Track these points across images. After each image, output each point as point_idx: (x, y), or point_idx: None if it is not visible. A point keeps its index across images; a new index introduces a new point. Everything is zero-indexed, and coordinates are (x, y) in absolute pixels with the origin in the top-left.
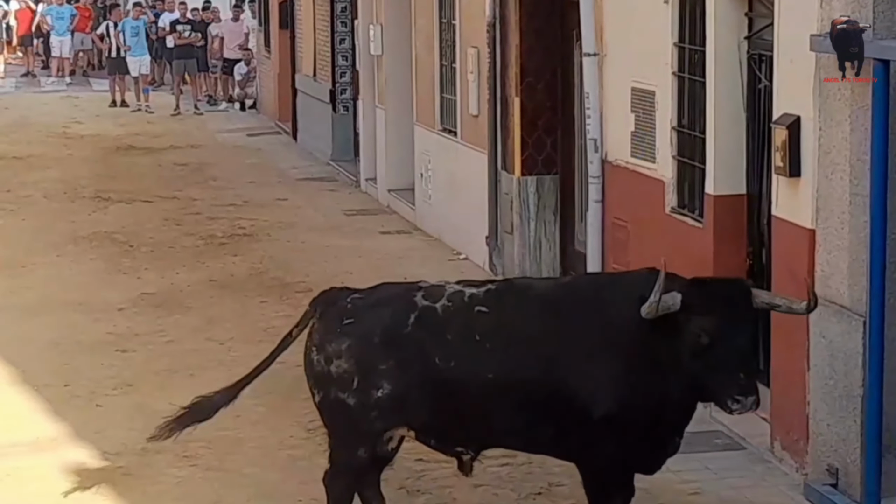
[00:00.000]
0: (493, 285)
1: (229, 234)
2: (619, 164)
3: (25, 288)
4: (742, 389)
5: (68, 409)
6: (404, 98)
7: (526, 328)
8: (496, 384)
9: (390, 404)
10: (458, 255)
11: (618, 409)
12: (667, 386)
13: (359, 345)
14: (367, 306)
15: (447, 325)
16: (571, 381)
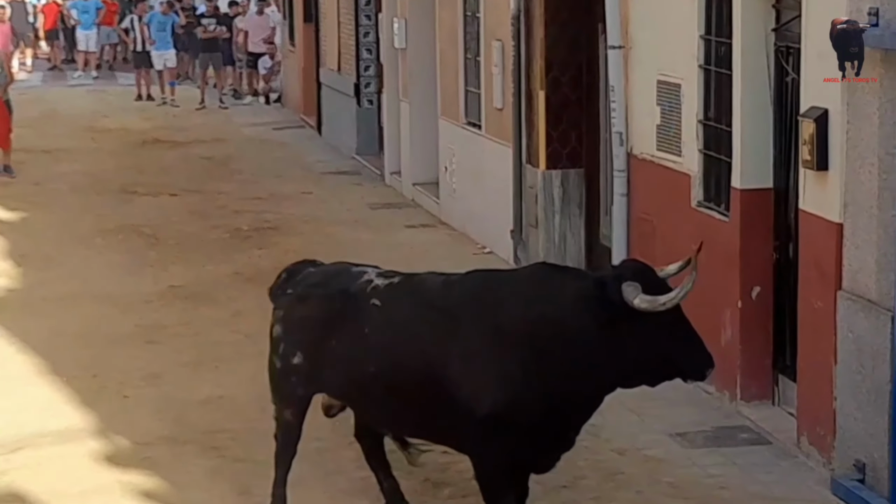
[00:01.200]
0: (397, 279)
1: (255, 227)
2: (644, 157)
3: (53, 280)
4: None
5: (96, 400)
6: (428, 92)
7: (408, 325)
8: (380, 378)
9: (306, 373)
10: (482, 249)
11: (504, 409)
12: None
13: (287, 314)
14: (307, 282)
15: (345, 312)
16: (454, 379)
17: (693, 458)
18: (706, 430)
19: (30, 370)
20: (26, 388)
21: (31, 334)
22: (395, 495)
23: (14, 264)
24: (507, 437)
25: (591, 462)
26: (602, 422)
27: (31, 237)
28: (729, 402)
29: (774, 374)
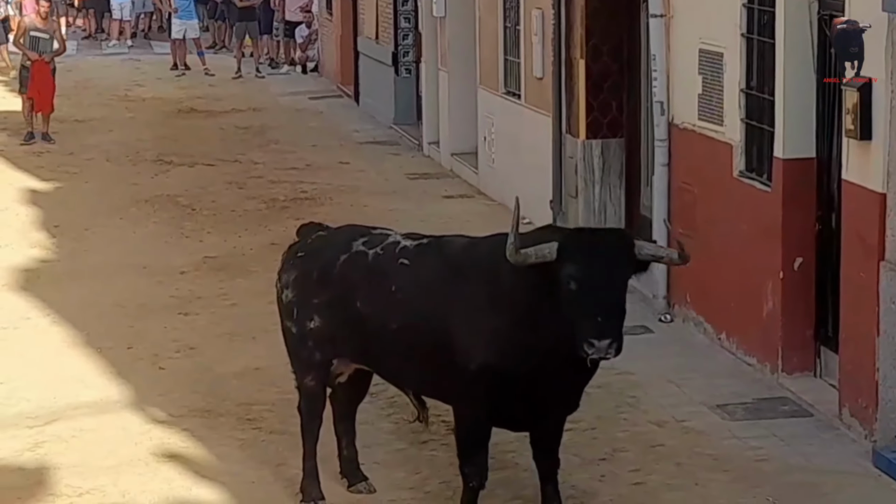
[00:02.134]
0: (426, 240)
1: (291, 197)
2: (686, 127)
3: (88, 251)
4: (597, 331)
5: (131, 371)
6: (467, 60)
7: (428, 284)
8: (400, 334)
9: (322, 336)
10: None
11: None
12: (544, 341)
13: (300, 278)
14: (320, 244)
15: (372, 271)
16: (454, 335)
17: (733, 431)
18: (747, 401)
19: (64, 341)
20: (60, 360)
21: (66, 305)
22: (351, 465)
23: (48, 235)
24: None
25: (630, 434)
26: (641, 394)
27: (66, 207)
28: (770, 373)
29: (816, 346)
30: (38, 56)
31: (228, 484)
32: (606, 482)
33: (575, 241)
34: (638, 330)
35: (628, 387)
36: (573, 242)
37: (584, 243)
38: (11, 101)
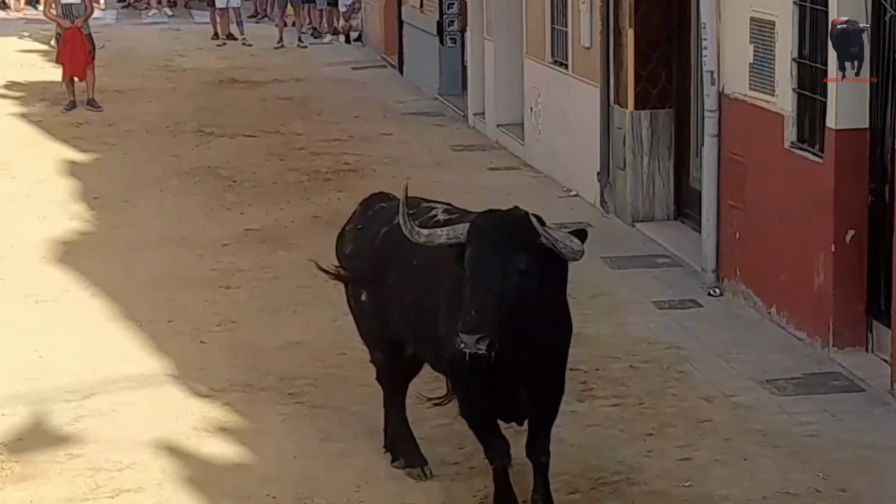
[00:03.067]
0: (457, 215)
1: (334, 169)
2: (736, 97)
3: (128, 223)
4: (464, 324)
5: (172, 345)
6: (514, 30)
7: (435, 261)
8: (410, 310)
9: (373, 311)
10: (568, 192)
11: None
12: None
13: (354, 252)
14: (376, 216)
15: (403, 245)
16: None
17: (783, 406)
18: (797, 376)
19: (104, 315)
20: (100, 333)
21: (105, 278)
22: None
23: (87, 207)
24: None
25: (678, 409)
26: (690, 369)
27: (105, 179)
28: (821, 348)
29: (868, 320)
30: (70, 23)
31: (269, 459)
32: (653, 457)
33: (476, 223)
34: (687, 304)
35: (677, 361)
36: (474, 225)
37: (481, 228)
38: (50, 71)
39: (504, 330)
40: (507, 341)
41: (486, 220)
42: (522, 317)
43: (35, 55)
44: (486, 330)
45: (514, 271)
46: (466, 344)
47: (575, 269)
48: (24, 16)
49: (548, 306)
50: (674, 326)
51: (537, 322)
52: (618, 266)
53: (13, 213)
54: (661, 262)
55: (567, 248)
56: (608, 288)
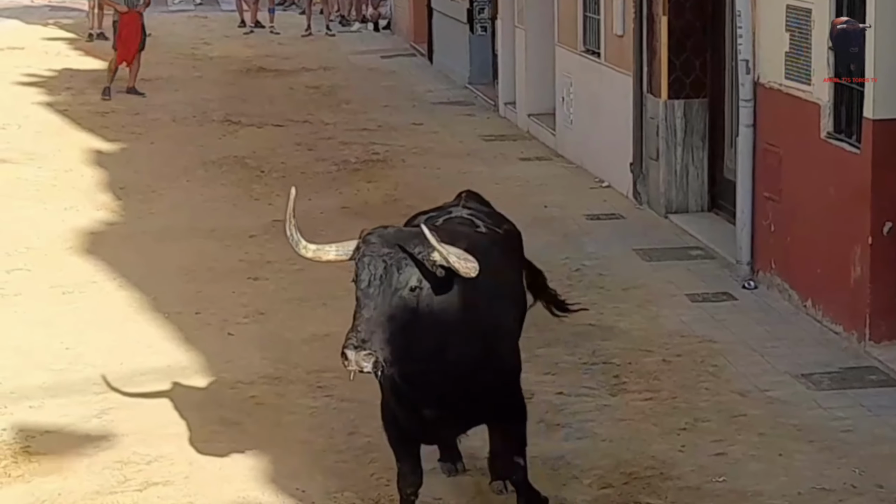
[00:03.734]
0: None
1: (363, 159)
2: (772, 86)
3: (155, 214)
4: (348, 341)
5: (199, 337)
6: (545, 17)
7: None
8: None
9: None
10: (600, 183)
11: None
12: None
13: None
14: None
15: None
16: None
17: (818, 400)
18: (833, 371)
19: (131, 306)
20: (127, 325)
21: (132, 269)
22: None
23: (114, 197)
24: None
25: (712, 403)
26: (724, 362)
27: (132, 169)
28: (857, 342)
29: None
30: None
31: (298, 452)
32: (687, 452)
33: (366, 239)
34: (721, 297)
35: (710, 355)
36: (364, 241)
37: (371, 244)
38: (76, 59)
39: (396, 350)
40: (405, 362)
41: (377, 236)
42: (420, 336)
43: (60, 43)
44: (373, 348)
45: (405, 287)
46: (350, 360)
47: (607, 262)
48: (48, 2)
49: (453, 330)
50: (707, 320)
51: (444, 341)
52: (651, 258)
53: (39, 204)
54: (695, 255)
55: (458, 263)
56: (641, 281)
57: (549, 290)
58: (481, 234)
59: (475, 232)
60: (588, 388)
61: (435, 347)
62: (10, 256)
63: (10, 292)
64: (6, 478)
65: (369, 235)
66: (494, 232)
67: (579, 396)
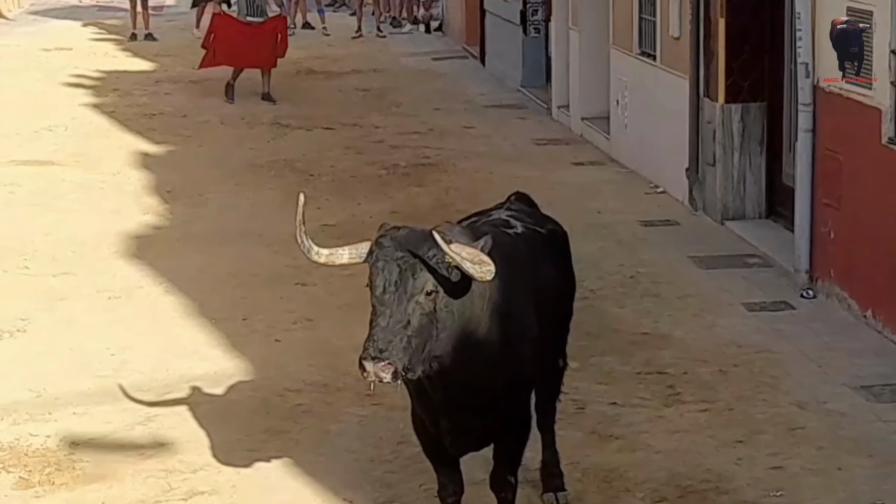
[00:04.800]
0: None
1: (413, 163)
2: (832, 90)
3: (202, 218)
4: (365, 350)
5: (246, 343)
6: (600, 19)
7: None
8: None
9: None
10: (655, 188)
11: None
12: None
13: None
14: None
15: None
16: None
17: (878, 413)
18: (893, 383)
19: (177, 311)
20: (174, 330)
21: (179, 274)
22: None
23: (161, 200)
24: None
25: (769, 415)
26: (782, 373)
27: (179, 172)
28: None
29: None
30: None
31: (346, 461)
32: (743, 465)
33: (379, 242)
34: (779, 306)
35: (768, 365)
36: (377, 244)
37: (381, 247)
38: (123, 60)
39: (415, 356)
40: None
41: (389, 239)
42: (436, 344)
43: (108, 44)
44: (391, 357)
45: (421, 293)
46: (369, 371)
47: (663, 269)
48: (97, 3)
49: (474, 335)
50: (765, 329)
51: (462, 345)
52: (707, 266)
53: (86, 207)
54: (752, 263)
55: (472, 267)
56: (696, 289)
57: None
58: (511, 236)
59: (503, 233)
60: (642, 398)
61: (452, 352)
62: (57, 260)
63: (56, 297)
64: (49, 485)
65: (382, 238)
66: (535, 232)
67: (633, 407)
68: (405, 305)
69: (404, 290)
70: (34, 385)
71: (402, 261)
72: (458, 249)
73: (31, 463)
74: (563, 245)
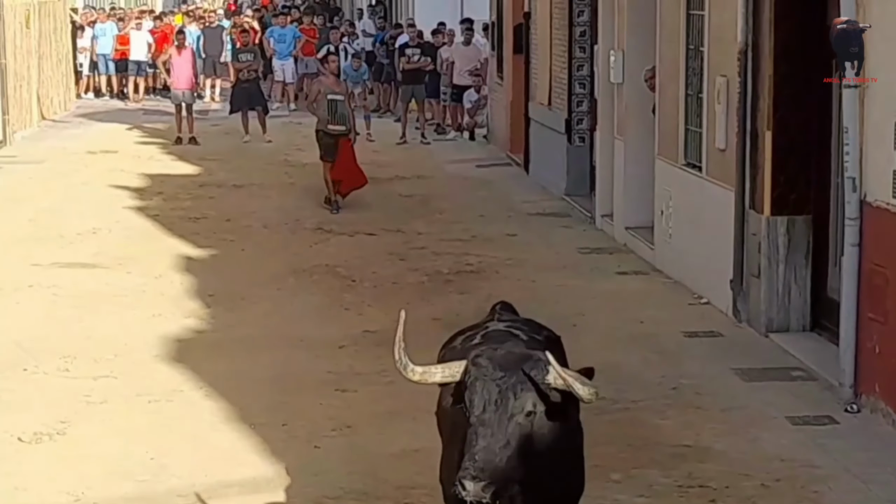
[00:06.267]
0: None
1: (455, 270)
2: (879, 205)
3: (244, 322)
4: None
5: (286, 449)
6: (645, 130)
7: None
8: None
9: None
10: (699, 300)
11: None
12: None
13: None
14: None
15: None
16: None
17: None
18: None
19: (216, 416)
20: (213, 435)
21: (219, 378)
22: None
23: (203, 304)
24: None
25: None
26: (825, 489)
27: (221, 276)
28: None
29: None
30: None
31: None
32: None
33: (476, 361)
34: (823, 420)
35: (811, 481)
36: (474, 363)
37: (482, 366)
38: (168, 164)
39: (508, 477)
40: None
41: (486, 359)
42: (528, 463)
43: (153, 147)
44: (492, 477)
45: (521, 413)
46: (469, 491)
47: (706, 381)
48: (142, 107)
49: (556, 453)
50: (808, 444)
51: (544, 470)
52: (750, 378)
53: (128, 310)
54: (796, 376)
55: (581, 389)
56: (740, 401)
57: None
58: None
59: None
60: None
61: (540, 475)
62: (97, 363)
63: (97, 399)
64: None
65: (478, 358)
66: (535, 340)
67: None
68: (506, 426)
69: (505, 410)
70: (73, 489)
71: (501, 380)
72: (569, 371)
73: None
74: (561, 350)
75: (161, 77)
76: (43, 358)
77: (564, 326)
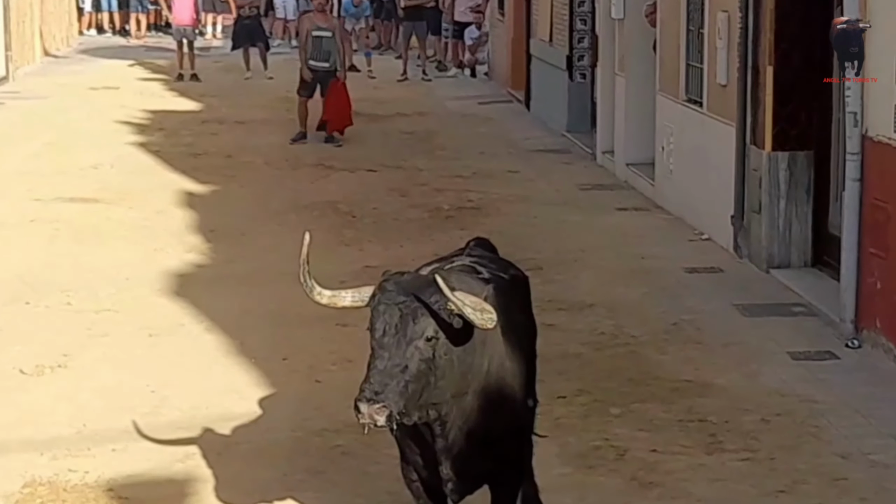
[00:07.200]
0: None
1: (456, 206)
2: (880, 139)
3: (244, 257)
4: (361, 392)
5: (286, 383)
6: (646, 66)
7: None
8: None
9: None
10: (699, 236)
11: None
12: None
13: None
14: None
15: None
16: None
17: None
18: None
19: (217, 350)
20: (214, 369)
21: (220, 313)
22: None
23: (203, 240)
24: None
25: (811, 466)
26: (825, 423)
27: (222, 212)
28: None
29: None
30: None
31: (384, 503)
32: None
33: (382, 286)
34: (823, 355)
35: (811, 415)
36: (380, 288)
37: (384, 291)
38: (170, 100)
39: (411, 401)
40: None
41: (393, 283)
42: (438, 390)
43: (155, 83)
44: (387, 400)
45: (420, 338)
46: (363, 413)
47: (706, 317)
48: (144, 43)
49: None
50: (809, 379)
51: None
52: (751, 314)
53: (129, 244)
54: (797, 311)
55: (474, 314)
56: (740, 337)
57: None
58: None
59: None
60: (683, 446)
61: (452, 399)
62: (99, 297)
63: (98, 333)
64: None
65: (385, 283)
66: (499, 278)
67: (674, 455)
68: (404, 350)
69: (404, 335)
70: (74, 421)
71: (403, 305)
72: (462, 296)
73: (70, 499)
74: (526, 290)
75: (163, 14)
76: (44, 292)
77: (566, 262)
